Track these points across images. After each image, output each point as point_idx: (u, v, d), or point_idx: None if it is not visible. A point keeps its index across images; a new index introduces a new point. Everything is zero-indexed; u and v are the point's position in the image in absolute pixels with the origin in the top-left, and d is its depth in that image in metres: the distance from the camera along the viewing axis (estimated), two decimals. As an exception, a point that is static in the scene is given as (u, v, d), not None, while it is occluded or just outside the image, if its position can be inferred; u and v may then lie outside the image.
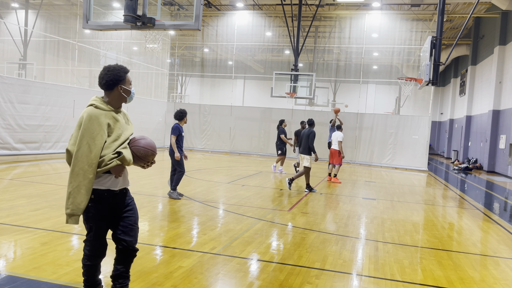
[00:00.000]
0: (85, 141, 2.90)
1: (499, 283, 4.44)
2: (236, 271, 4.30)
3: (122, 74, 3.10)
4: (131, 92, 3.21)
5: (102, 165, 2.94)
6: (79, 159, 2.89)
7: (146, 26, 6.09)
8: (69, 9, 23.51)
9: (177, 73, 31.60)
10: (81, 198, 2.93)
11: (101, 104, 3.06)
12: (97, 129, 2.93)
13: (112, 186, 3.09)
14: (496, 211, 9.44)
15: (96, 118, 2.95)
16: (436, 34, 9.79)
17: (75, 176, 2.90)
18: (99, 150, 2.92)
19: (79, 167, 2.89)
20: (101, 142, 2.93)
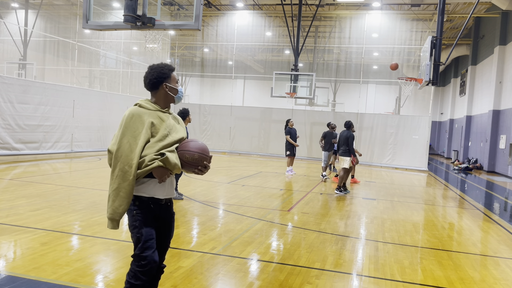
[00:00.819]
0: (126, 140, 2.66)
1: (499, 283, 4.44)
2: (236, 271, 4.30)
3: (166, 71, 2.87)
4: (178, 91, 2.94)
5: (143, 166, 2.65)
6: (119, 159, 2.65)
7: (146, 26, 6.09)
8: (69, 9, 23.50)
9: (177, 73, 31.59)
10: (119, 202, 2.66)
11: (146, 104, 2.83)
12: (139, 127, 2.69)
13: (156, 194, 2.76)
14: (496, 211, 9.44)
15: (138, 116, 2.72)
16: (436, 34, 9.79)
17: (114, 178, 2.66)
18: (140, 149, 2.65)
19: (118, 168, 2.64)
20: (142, 141, 2.67)
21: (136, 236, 2.72)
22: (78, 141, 15.70)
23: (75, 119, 15.44)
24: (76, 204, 6.99)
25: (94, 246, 4.79)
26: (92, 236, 5.18)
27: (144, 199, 2.73)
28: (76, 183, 9.10)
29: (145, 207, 2.74)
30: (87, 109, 16.08)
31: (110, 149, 2.74)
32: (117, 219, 2.71)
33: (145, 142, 2.68)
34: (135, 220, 2.73)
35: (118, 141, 2.69)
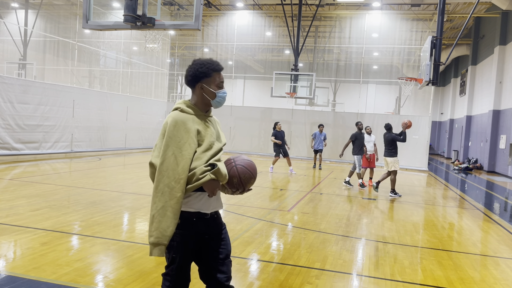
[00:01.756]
0: (170, 152, 2.34)
1: (499, 283, 4.44)
2: (236, 271, 4.30)
3: (205, 70, 2.51)
4: (216, 95, 2.54)
5: (193, 180, 2.34)
6: (164, 173, 2.32)
7: (146, 26, 6.09)
8: (69, 9, 23.50)
9: (177, 73, 31.60)
10: (167, 223, 2.32)
11: (187, 107, 2.50)
12: (185, 136, 2.37)
13: (203, 208, 2.47)
14: (496, 211, 9.43)
15: (182, 124, 2.39)
16: (436, 34, 9.79)
17: (159, 195, 2.33)
18: (187, 162, 2.34)
19: (163, 184, 2.32)
20: (189, 152, 2.36)
21: (172, 256, 2.45)
22: (78, 141, 15.70)
23: (75, 119, 15.44)
24: (76, 204, 6.99)
25: (94, 246, 4.79)
26: (92, 236, 5.18)
27: (187, 215, 2.43)
28: (76, 183, 9.10)
29: (188, 225, 2.44)
30: (87, 109, 16.08)
31: (153, 163, 2.41)
32: (165, 243, 2.36)
33: (193, 153, 2.38)
34: (173, 240, 2.41)
35: (162, 154, 2.36)
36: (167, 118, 2.46)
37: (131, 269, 4.12)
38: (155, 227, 2.34)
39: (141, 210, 6.86)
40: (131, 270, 4.11)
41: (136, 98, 20.19)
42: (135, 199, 7.72)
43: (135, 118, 19.47)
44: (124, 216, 6.45)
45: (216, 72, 2.54)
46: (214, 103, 2.56)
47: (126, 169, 12.73)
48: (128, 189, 8.85)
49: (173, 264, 2.46)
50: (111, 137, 17.76)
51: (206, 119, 2.54)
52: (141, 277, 3.95)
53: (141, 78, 23.35)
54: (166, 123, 2.43)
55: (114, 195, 8.02)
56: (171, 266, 2.47)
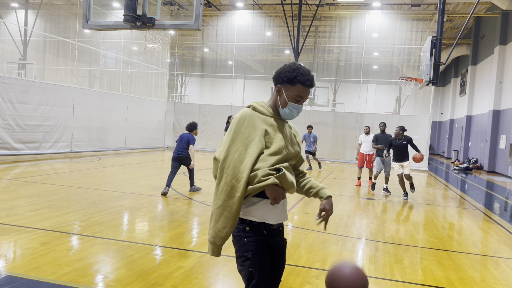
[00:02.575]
0: (235, 148, 2.18)
1: (499, 283, 4.44)
2: (236, 271, 4.29)
3: (292, 76, 2.28)
4: (287, 105, 2.34)
5: (255, 182, 2.15)
6: (225, 170, 2.17)
7: (146, 26, 6.09)
8: (69, 9, 23.50)
9: (177, 73, 31.59)
10: (223, 223, 2.17)
11: (261, 106, 2.35)
12: (252, 134, 2.21)
13: (267, 218, 2.26)
14: (497, 211, 9.43)
15: (251, 120, 2.25)
16: (437, 34, 9.78)
17: (219, 193, 2.19)
18: (251, 160, 2.15)
19: (224, 181, 2.17)
20: (255, 151, 2.17)
21: (249, 270, 2.20)
22: (78, 141, 15.70)
23: (75, 119, 15.44)
24: (76, 204, 6.99)
25: (94, 246, 4.79)
26: (92, 236, 5.17)
27: (255, 223, 2.24)
28: (76, 183, 9.10)
29: (258, 234, 2.24)
30: (87, 109, 16.08)
31: (217, 157, 2.25)
32: (218, 244, 2.22)
33: (259, 153, 2.19)
34: (247, 250, 2.21)
35: (226, 149, 2.20)
36: (236, 114, 2.33)
37: (131, 269, 4.12)
38: (211, 226, 2.23)
39: (141, 210, 6.86)
40: (131, 270, 4.11)
41: (136, 98, 20.19)
42: (135, 199, 7.72)
43: (135, 118, 19.48)
44: (124, 216, 6.45)
45: (302, 86, 2.30)
46: (282, 112, 2.37)
47: (126, 169, 12.73)
48: (128, 189, 8.85)
49: (253, 280, 2.19)
50: (111, 137, 17.76)
51: (279, 122, 2.35)
52: (141, 277, 3.95)
53: (141, 78, 23.35)
54: (235, 118, 2.30)
55: (114, 195, 8.02)
56: (251, 282, 2.20)
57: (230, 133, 2.24)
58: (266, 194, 2.19)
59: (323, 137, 20.21)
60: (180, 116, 22.23)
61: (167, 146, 22.35)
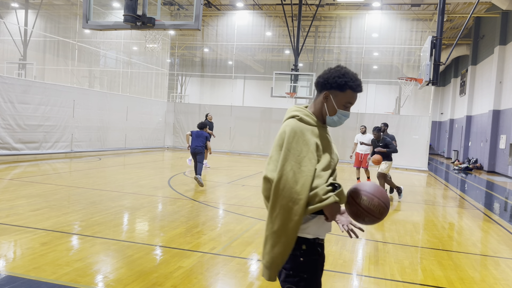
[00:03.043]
0: (288, 166, 2.03)
1: (499, 283, 4.44)
2: (236, 271, 4.30)
3: (341, 82, 2.15)
4: (336, 112, 2.21)
5: (315, 201, 2.01)
6: (281, 192, 2.01)
7: (146, 26, 6.10)
8: (69, 9, 23.50)
9: (177, 73, 31.59)
10: (280, 249, 2.03)
11: (306, 116, 2.18)
12: (304, 149, 2.06)
13: (320, 234, 2.17)
14: (496, 211, 9.44)
15: (301, 135, 2.09)
16: (436, 34, 9.79)
17: (274, 216, 2.04)
18: (308, 180, 2.01)
19: (280, 204, 2.01)
20: (310, 168, 2.04)
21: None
22: (78, 141, 15.70)
23: (75, 119, 15.44)
24: (76, 204, 6.99)
25: (94, 246, 4.79)
26: (92, 236, 5.18)
27: (310, 240, 2.12)
28: (76, 183, 9.10)
29: (314, 253, 2.13)
30: (87, 109, 16.09)
31: (269, 177, 2.08)
32: (275, 270, 2.08)
33: (314, 169, 2.05)
34: (303, 270, 2.08)
35: (279, 168, 2.04)
36: (283, 127, 2.15)
37: (131, 269, 4.13)
38: (267, 251, 2.08)
39: (141, 210, 6.86)
40: (131, 270, 4.11)
41: (136, 98, 20.19)
42: (135, 199, 7.72)
43: (135, 118, 19.48)
44: (124, 216, 6.46)
45: (351, 92, 2.18)
46: (330, 120, 2.23)
47: (126, 169, 12.73)
48: (128, 189, 8.86)
49: None
50: (111, 137, 17.77)
51: (323, 130, 2.22)
52: (141, 277, 3.95)
53: (141, 78, 23.35)
54: (283, 132, 2.12)
55: (114, 195, 8.02)
56: None
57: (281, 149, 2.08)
58: (324, 212, 2.08)
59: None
60: (180, 116, 22.23)
61: (167, 146, 22.35)
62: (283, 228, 2.02)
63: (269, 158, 2.13)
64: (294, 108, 2.25)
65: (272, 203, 2.05)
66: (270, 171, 2.08)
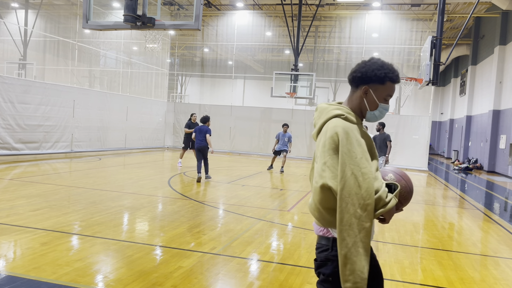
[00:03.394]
0: (349, 171, 1.88)
1: (499, 283, 4.44)
2: (236, 271, 4.30)
3: (381, 74, 2.05)
4: (378, 106, 2.11)
5: (380, 205, 1.91)
6: (347, 200, 1.86)
7: (146, 26, 6.10)
8: (69, 9, 23.51)
9: (177, 73, 31.59)
10: (362, 263, 1.87)
11: (350, 114, 2.06)
12: (359, 150, 1.93)
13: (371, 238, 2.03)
14: (496, 211, 9.44)
15: (353, 135, 1.95)
16: (436, 34, 9.79)
17: (347, 229, 1.87)
18: (371, 182, 1.89)
19: (349, 214, 1.86)
20: (369, 170, 1.91)
21: None
22: (78, 141, 15.70)
23: (75, 119, 15.45)
24: (76, 204, 6.99)
25: (94, 246, 4.79)
26: (92, 236, 5.18)
27: None
28: (76, 183, 9.10)
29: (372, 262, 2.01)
30: (87, 109, 16.09)
31: (331, 186, 1.92)
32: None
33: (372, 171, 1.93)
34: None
35: (341, 175, 1.89)
36: (332, 128, 1.98)
37: (131, 269, 4.13)
38: (350, 270, 1.87)
39: (141, 210, 6.86)
40: (131, 270, 4.11)
41: (136, 98, 20.19)
42: (135, 199, 7.72)
43: (135, 118, 19.48)
44: (124, 216, 6.46)
45: (391, 83, 2.09)
46: (371, 115, 2.14)
47: (126, 169, 12.73)
48: (128, 189, 8.86)
49: None
50: (111, 137, 17.77)
51: (362, 127, 2.09)
52: (141, 277, 3.95)
53: (141, 78, 23.35)
54: (334, 134, 1.95)
55: (114, 195, 8.02)
56: None
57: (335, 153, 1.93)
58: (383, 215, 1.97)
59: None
60: (180, 116, 22.23)
61: (167, 146, 22.35)
62: (357, 239, 1.87)
63: (323, 164, 1.95)
64: (334, 107, 2.09)
65: (341, 215, 1.88)
66: (329, 179, 1.91)
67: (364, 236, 1.86)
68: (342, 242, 1.88)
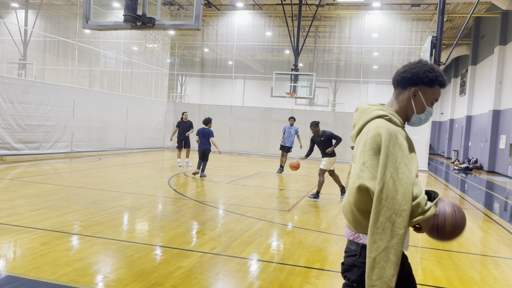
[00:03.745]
0: (388, 174, 1.82)
1: (499, 283, 4.44)
2: (236, 271, 4.30)
3: (432, 77, 1.99)
4: (425, 110, 2.04)
5: (418, 213, 1.82)
6: (384, 203, 1.80)
7: (146, 26, 6.10)
8: (69, 9, 23.51)
9: (177, 73, 31.59)
10: (391, 270, 1.80)
11: (394, 116, 1.98)
12: (399, 154, 1.85)
13: (406, 247, 1.95)
14: (496, 211, 9.44)
15: (395, 137, 1.88)
16: (436, 34, 9.80)
17: (380, 232, 1.81)
18: (408, 188, 1.81)
19: (384, 217, 1.80)
20: (408, 175, 1.83)
21: None
22: (78, 141, 15.70)
23: (75, 119, 15.44)
24: (76, 204, 6.99)
25: (94, 246, 4.79)
26: (92, 236, 5.18)
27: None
28: (76, 183, 9.10)
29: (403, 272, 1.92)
30: (87, 109, 16.09)
31: (368, 187, 1.85)
32: None
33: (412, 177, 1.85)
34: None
35: (380, 177, 1.82)
36: (374, 128, 1.91)
37: (131, 269, 4.13)
38: (377, 275, 1.81)
39: (141, 210, 6.86)
40: (131, 270, 4.11)
41: (136, 98, 20.19)
42: (135, 199, 7.72)
43: (135, 118, 19.48)
44: (124, 216, 6.46)
45: (439, 87, 2.03)
46: (417, 118, 2.06)
47: (126, 169, 12.73)
48: (128, 189, 8.86)
49: None
50: (111, 137, 17.77)
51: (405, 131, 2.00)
52: (141, 277, 3.95)
53: (141, 78, 23.35)
54: (377, 135, 1.88)
55: (114, 195, 8.02)
56: None
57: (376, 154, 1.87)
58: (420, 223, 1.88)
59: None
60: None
61: (167, 146, 22.35)
62: (390, 244, 1.80)
63: (362, 164, 1.88)
64: (377, 107, 2.02)
65: (376, 216, 1.81)
66: (367, 180, 1.84)
67: (396, 243, 1.79)
68: (373, 245, 1.82)
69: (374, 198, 1.81)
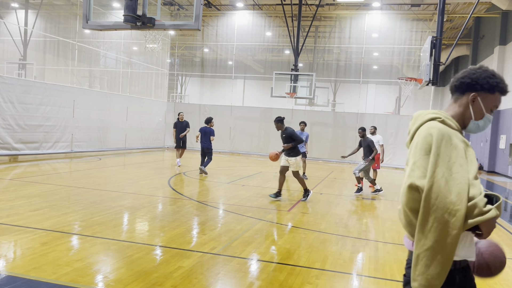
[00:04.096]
0: (440, 173, 1.78)
1: (499, 283, 4.44)
2: (236, 271, 4.30)
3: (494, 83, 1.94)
4: (483, 117, 1.99)
5: (475, 214, 1.75)
6: (434, 202, 1.76)
7: (146, 26, 6.10)
8: (69, 9, 23.52)
9: (177, 73, 31.59)
10: (436, 269, 1.78)
11: (449, 120, 1.95)
12: (453, 154, 1.82)
13: (470, 255, 1.90)
14: (496, 211, 9.43)
15: (449, 138, 1.85)
16: (436, 34, 9.79)
17: (427, 230, 1.78)
18: (463, 188, 1.76)
19: (433, 216, 1.76)
20: (462, 175, 1.79)
21: None
22: (78, 141, 15.70)
23: (75, 119, 15.45)
24: (76, 204, 6.99)
25: (94, 246, 4.79)
26: (92, 236, 5.18)
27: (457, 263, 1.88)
28: (76, 183, 9.10)
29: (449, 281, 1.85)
30: (87, 109, 16.09)
31: (418, 185, 1.81)
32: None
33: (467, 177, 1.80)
34: None
35: (430, 175, 1.78)
36: (426, 129, 1.90)
37: (131, 269, 4.13)
38: (420, 272, 1.83)
39: (141, 210, 6.86)
40: (131, 270, 4.12)
41: (136, 98, 20.20)
42: (135, 199, 7.73)
43: (135, 118, 19.48)
44: (124, 216, 6.46)
45: (500, 94, 1.98)
46: (474, 125, 2.00)
47: (126, 169, 12.73)
48: (128, 189, 8.86)
49: None
50: (111, 137, 17.77)
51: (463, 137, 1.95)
52: (141, 277, 3.95)
53: (141, 78, 23.35)
54: (428, 135, 1.86)
55: (114, 195, 8.02)
56: None
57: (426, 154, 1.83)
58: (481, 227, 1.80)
59: (323, 137, 20.23)
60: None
61: (167, 146, 22.35)
62: (438, 244, 1.76)
63: (413, 164, 1.87)
64: (430, 111, 2.00)
65: (424, 216, 1.78)
66: (417, 178, 1.81)
67: (448, 244, 1.75)
68: (418, 242, 1.81)
69: (423, 196, 1.78)
